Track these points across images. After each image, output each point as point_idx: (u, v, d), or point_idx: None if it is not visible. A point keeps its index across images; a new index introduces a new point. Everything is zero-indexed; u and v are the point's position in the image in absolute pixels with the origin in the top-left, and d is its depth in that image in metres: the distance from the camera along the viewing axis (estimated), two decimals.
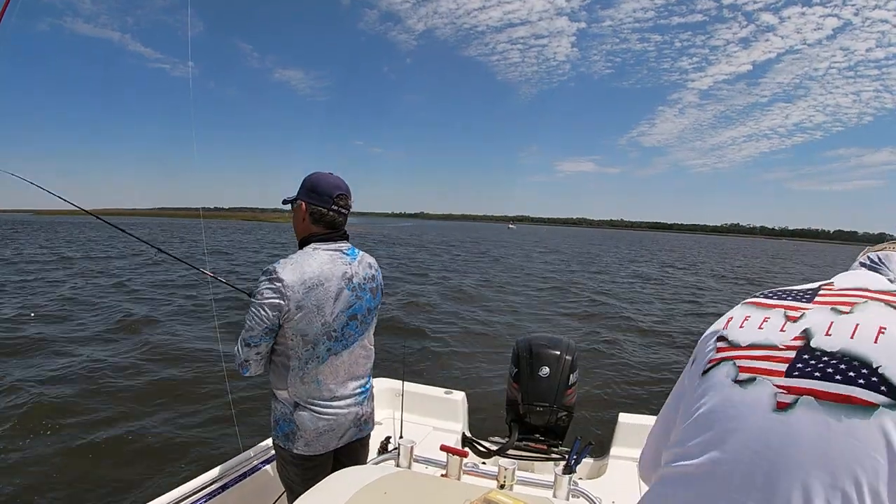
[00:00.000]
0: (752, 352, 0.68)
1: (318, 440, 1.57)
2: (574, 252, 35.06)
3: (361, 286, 1.60)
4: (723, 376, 0.68)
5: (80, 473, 3.40)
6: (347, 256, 1.60)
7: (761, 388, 0.63)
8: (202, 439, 3.96)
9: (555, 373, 2.42)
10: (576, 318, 9.79)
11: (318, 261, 1.52)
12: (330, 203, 1.57)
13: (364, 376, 1.67)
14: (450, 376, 5.69)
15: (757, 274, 24.75)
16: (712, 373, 0.70)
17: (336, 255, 1.57)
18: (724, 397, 0.66)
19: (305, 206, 1.58)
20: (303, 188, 1.61)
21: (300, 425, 1.55)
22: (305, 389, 1.55)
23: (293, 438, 1.56)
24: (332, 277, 1.52)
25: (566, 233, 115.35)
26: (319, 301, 1.49)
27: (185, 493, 1.80)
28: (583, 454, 1.74)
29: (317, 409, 1.55)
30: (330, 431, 1.58)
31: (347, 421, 1.61)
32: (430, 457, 1.93)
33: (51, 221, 66.54)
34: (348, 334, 1.57)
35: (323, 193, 1.57)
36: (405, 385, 2.56)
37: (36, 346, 6.27)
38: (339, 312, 1.53)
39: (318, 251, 1.55)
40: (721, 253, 50.44)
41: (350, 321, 1.57)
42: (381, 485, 1.27)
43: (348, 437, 1.64)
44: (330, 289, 1.51)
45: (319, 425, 1.56)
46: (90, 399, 4.67)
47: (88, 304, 9.21)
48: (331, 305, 1.51)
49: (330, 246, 1.58)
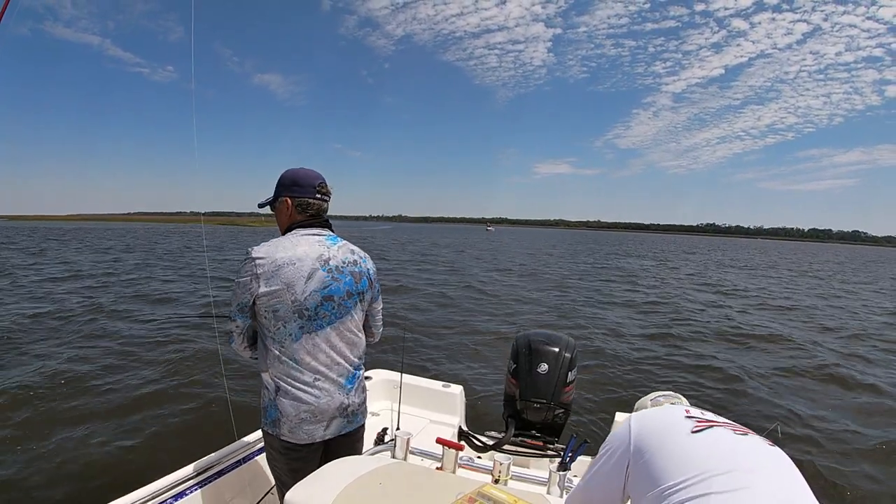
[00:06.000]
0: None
1: (300, 427, 1.57)
2: (564, 253, 35.01)
3: (339, 268, 1.62)
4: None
5: (71, 460, 3.40)
6: (327, 241, 1.64)
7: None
8: (196, 426, 3.97)
9: (553, 370, 2.41)
10: (576, 317, 9.79)
11: (295, 243, 1.58)
12: (314, 192, 1.65)
13: (350, 364, 1.66)
14: (448, 370, 5.71)
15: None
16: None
17: (314, 238, 1.62)
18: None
19: (291, 201, 1.64)
20: (282, 186, 1.67)
21: (283, 411, 1.56)
22: (283, 369, 1.56)
23: (279, 425, 1.57)
24: (306, 258, 1.56)
25: (547, 236, 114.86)
26: (289, 279, 1.52)
27: (180, 479, 1.81)
28: (578, 452, 1.74)
29: (297, 393, 1.56)
30: (312, 419, 1.58)
31: (331, 409, 1.60)
32: (426, 449, 1.93)
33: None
34: (322, 314, 1.57)
35: (306, 185, 1.65)
36: (403, 377, 2.56)
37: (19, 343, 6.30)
38: (313, 291, 1.55)
39: (296, 235, 1.61)
40: (710, 250, 50.38)
41: (325, 301, 1.57)
42: (376, 476, 1.27)
43: (336, 427, 1.63)
44: (302, 268, 1.54)
45: (300, 410, 1.56)
46: (81, 386, 4.69)
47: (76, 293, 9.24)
48: (302, 284, 1.53)
49: (309, 231, 1.63)
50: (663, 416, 1.00)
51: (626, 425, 1.00)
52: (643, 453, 0.92)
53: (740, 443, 0.89)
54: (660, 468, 0.88)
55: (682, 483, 0.82)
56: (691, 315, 10.39)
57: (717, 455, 0.85)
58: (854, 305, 13.74)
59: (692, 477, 0.82)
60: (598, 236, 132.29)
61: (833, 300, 14.82)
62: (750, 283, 18.52)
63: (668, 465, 0.87)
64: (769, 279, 20.82)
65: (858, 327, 10.01)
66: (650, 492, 0.86)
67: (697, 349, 7.51)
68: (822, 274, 26.29)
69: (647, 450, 0.92)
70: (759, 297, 14.34)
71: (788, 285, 18.56)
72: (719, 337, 8.44)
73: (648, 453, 0.91)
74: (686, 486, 0.81)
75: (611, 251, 35.43)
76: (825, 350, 7.81)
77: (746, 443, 0.89)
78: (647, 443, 0.93)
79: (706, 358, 7.00)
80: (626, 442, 0.97)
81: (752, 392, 5.65)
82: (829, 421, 4.85)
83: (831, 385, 6.07)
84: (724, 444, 0.88)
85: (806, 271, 27.63)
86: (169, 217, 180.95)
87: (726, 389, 5.71)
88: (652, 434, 0.94)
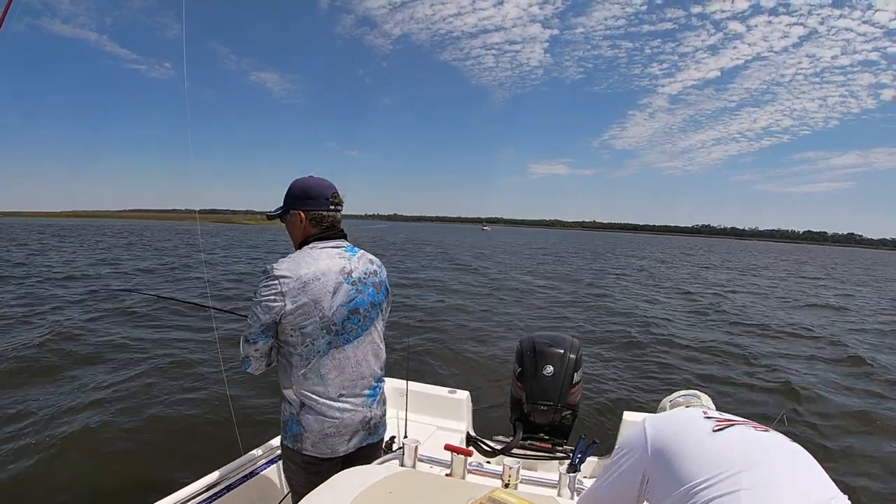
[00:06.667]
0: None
1: (324, 441, 1.56)
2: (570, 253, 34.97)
3: (362, 280, 1.60)
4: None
5: (77, 475, 3.36)
6: (347, 253, 1.62)
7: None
8: (202, 440, 3.93)
9: (559, 371, 2.40)
10: (578, 317, 9.77)
11: (315, 257, 1.55)
12: (327, 204, 1.60)
13: (373, 376, 1.65)
14: (454, 375, 5.68)
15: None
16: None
17: (334, 251, 1.59)
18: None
19: (305, 214, 1.59)
20: (293, 198, 1.61)
21: (306, 426, 1.54)
22: (309, 385, 1.54)
23: (301, 439, 1.56)
24: (330, 272, 1.53)
25: (545, 235, 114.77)
26: (316, 295, 1.49)
27: (189, 495, 1.79)
28: (587, 453, 1.73)
29: (322, 409, 1.54)
30: (336, 433, 1.56)
31: (355, 423, 1.59)
32: (435, 456, 1.92)
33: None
34: (349, 328, 1.56)
35: (319, 196, 1.59)
36: (409, 384, 2.54)
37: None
38: (339, 306, 1.53)
39: (315, 249, 1.57)
40: (708, 251, 50.27)
41: (351, 315, 1.56)
42: (386, 484, 1.27)
43: (357, 440, 1.61)
44: (327, 283, 1.52)
45: (325, 426, 1.54)
46: (83, 399, 4.65)
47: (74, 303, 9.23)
48: (329, 299, 1.51)
49: (328, 244, 1.60)
50: (679, 417, 1.01)
51: (641, 430, 1.00)
52: (663, 455, 0.93)
53: (762, 439, 0.90)
54: (684, 468, 0.88)
55: (708, 480, 0.82)
56: (691, 315, 10.37)
57: (742, 451, 0.86)
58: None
59: (719, 474, 0.82)
60: (593, 237, 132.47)
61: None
62: (751, 282, 18.49)
63: (693, 465, 0.87)
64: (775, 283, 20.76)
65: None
66: (676, 491, 0.87)
67: (697, 349, 7.49)
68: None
69: (666, 452, 0.93)
70: (757, 296, 14.32)
71: (792, 289, 18.53)
72: (728, 327, 8.42)
73: (669, 454, 0.92)
74: (713, 483, 0.82)
75: (607, 250, 35.44)
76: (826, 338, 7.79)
77: (769, 438, 0.90)
78: (666, 445, 0.94)
79: (706, 358, 6.98)
80: (642, 446, 0.98)
81: (757, 384, 5.64)
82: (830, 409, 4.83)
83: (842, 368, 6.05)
84: (747, 441, 0.89)
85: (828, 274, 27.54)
86: (164, 214, 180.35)
87: (731, 383, 5.70)
88: (670, 437, 0.95)
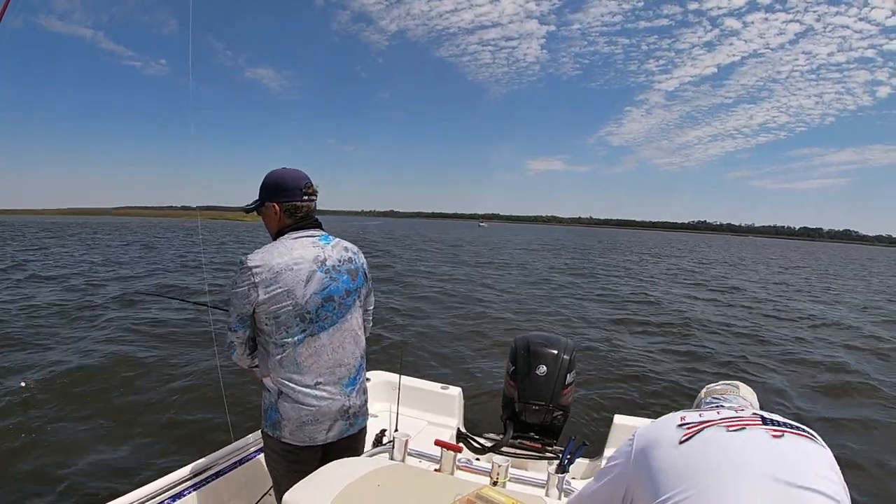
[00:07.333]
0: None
1: (301, 430, 1.57)
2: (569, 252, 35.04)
3: (336, 268, 1.62)
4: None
5: (68, 460, 3.37)
6: (321, 241, 1.64)
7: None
8: (193, 427, 3.94)
9: (552, 372, 2.41)
10: (574, 318, 9.79)
11: (289, 247, 1.57)
12: (301, 195, 1.62)
13: (353, 364, 1.66)
14: (447, 371, 5.69)
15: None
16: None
17: (307, 240, 1.61)
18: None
19: (279, 206, 1.61)
20: (267, 190, 1.64)
21: (284, 414, 1.56)
22: (285, 373, 1.55)
23: (279, 427, 1.57)
24: (303, 261, 1.55)
25: (543, 231, 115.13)
26: (289, 284, 1.52)
27: (177, 480, 1.80)
28: (577, 454, 1.73)
29: (299, 396, 1.55)
30: (314, 421, 1.57)
31: (332, 411, 1.60)
32: (425, 451, 1.92)
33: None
34: (324, 316, 1.57)
35: (293, 188, 1.62)
36: (402, 379, 2.55)
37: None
38: (312, 294, 1.55)
39: (290, 239, 1.60)
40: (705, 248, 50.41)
41: (325, 303, 1.57)
42: (375, 477, 1.27)
43: (337, 430, 1.62)
44: (300, 272, 1.54)
45: (302, 413, 1.56)
46: (77, 386, 4.66)
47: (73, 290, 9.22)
48: (301, 288, 1.53)
49: (302, 234, 1.62)
50: (656, 429, 0.97)
51: (630, 440, 0.99)
52: (640, 471, 0.93)
53: (733, 441, 0.87)
54: (658, 482, 0.87)
55: (674, 496, 0.82)
56: (691, 313, 10.39)
57: (701, 463, 0.84)
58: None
59: (676, 493, 0.82)
60: (590, 232, 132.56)
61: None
62: (751, 280, 18.54)
63: (664, 479, 0.86)
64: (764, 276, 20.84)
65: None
66: None
67: (698, 348, 7.51)
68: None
69: (643, 467, 0.92)
70: (756, 296, 14.36)
71: (789, 288, 18.60)
72: (727, 334, 8.45)
73: (644, 471, 0.92)
74: (678, 498, 0.81)
75: (606, 249, 35.49)
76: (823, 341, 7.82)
77: (740, 439, 0.87)
78: (643, 460, 0.93)
79: (707, 356, 7.00)
80: (627, 458, 0.97)
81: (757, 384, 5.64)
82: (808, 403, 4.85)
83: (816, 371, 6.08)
84: (711, 448, 0.86)
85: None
86: (160, 211, 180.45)
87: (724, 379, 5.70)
88: (646, 450, 0.94)
